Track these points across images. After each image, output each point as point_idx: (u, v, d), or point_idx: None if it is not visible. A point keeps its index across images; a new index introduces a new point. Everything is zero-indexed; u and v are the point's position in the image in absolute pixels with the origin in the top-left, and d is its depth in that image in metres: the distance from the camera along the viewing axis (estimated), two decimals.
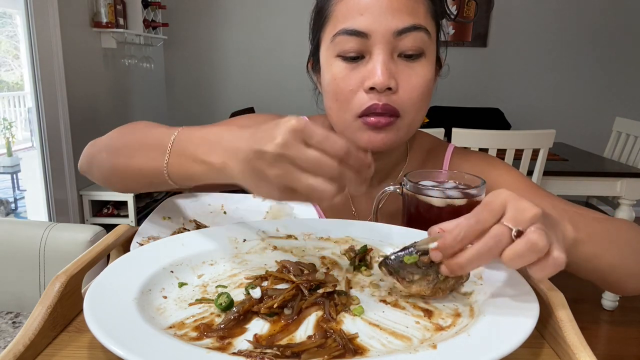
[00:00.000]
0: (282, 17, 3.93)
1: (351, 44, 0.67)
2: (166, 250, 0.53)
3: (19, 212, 4.31)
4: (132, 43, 3.41)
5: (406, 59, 0.68)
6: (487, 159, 0.84)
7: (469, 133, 2.20)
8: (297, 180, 0.44)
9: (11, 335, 1.13)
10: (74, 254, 0.84)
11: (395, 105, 0.68)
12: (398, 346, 0.41)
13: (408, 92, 0.68)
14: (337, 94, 0.70)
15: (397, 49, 0.67)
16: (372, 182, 0.83)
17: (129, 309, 0.41)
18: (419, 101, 0.70)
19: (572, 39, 3.89)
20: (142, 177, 0.63)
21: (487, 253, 0.42)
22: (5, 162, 4.42)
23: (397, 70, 0.68)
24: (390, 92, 0.67)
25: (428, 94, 0.71)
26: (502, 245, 0.42)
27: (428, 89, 0.70)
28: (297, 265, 0.53)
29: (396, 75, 0.68)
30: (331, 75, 0.70)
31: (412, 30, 0.67)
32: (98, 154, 0.71)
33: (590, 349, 0.39)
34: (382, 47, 0.67)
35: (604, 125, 3.60)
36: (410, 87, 0.68)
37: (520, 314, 0.41)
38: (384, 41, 0.66)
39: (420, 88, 0.69)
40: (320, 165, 0.44)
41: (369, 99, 0.68)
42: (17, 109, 6.15)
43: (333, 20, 0.70)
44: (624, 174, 2.37)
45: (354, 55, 0.68)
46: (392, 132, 0.70)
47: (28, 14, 2.51)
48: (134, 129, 0.69)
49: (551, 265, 0.42)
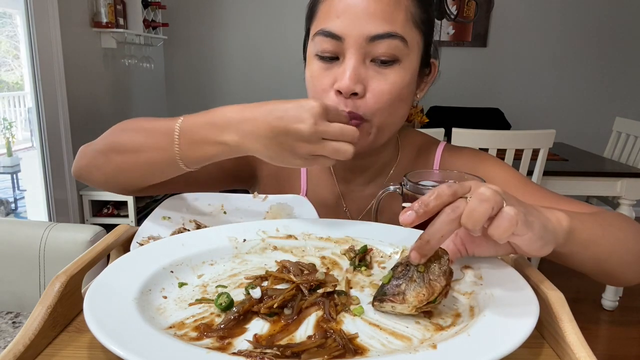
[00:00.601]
0: (282, 17, 3.93)
1: (326, 45, 0.68)
2: (166, 250, 0.53)
3: (19, 212, 4.30)
4: (132, 43, 3.41)
5: (379, 65, 0.68)
6: (477, 154, 0.85)
7: (469, 133, 2.20)
8: (325, 148, 0.57)
9: (11, 335, 1.13)
10: (74, 254, 0.84)
11: (360, 111, 0.68)
12: (398, 346, 0.41)
13: (376, 98, 0.68)
14: (312, 92, 0.72)
15: (370, 54, 0.67)
16: (362, 180, 0.83)
17: (129, 309, 0.41)
18: (387, 107, 0.69)
19: (572, 39, 3.89)
20: (152, 169, 0.67)
21: (446, 222, 0.44)
22: (5, 162, 4.42)
23: (367, 75, 0.68)
24: (357, 97, 0.67)
25: (398, 100, 0.70)
26: (458, 210, 0.44)
27: (398, 95, 0.69)
28: (297, 265, 0.53)
29: (365, 80, 0.68)
30: (309, 72, 0.72)
31: (385, 37, 0.66)
32: (97, 156, 0.71)
33: (590, 349, 0.39)
34: (354, 51, 0.67)
35: (604, 125, 3.60)
36: (379, 93, 0.68)
37: (520, 314, 0.41)
38: (357, 45, 0.66)
39: (389, 94, 0.68)
40: (343, 133, 0.58)
41: (337, 101, 0.68)
42: (17, 109, 6.15)
43: (317, 18, 0.71)
44: (624, 174, 2.37)
45: (330, 56, 0.69)
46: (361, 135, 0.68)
47: (28, 14, 2.51)
48: (130, 127, 0.70)
49: (504, 220, 0.43)
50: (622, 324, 2.52)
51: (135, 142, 0.67)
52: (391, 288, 0.45)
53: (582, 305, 2.61)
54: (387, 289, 0.46)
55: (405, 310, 0.44)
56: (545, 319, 0.44)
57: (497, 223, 0.43)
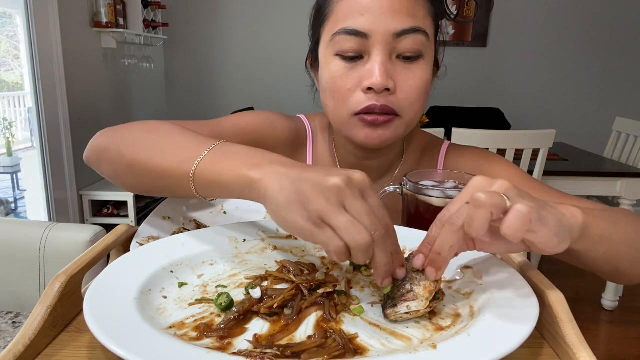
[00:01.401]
0: (282, 17, 3.93)
1: (350, 44, 0.68)
2: (166, 250, 0.53)
3: (19, 212, 4.30)
4: (132, 43, 3.41)
5: (404, 61, 0.69)
6: (482, 153, 0.84)
7: (469, 133, 2.20)
8: (337, 216, 0.42)
9: (11, 335, 1.13)
10: (74, 254, 0.84)
11: (393, 106, 0.69)
12: (398, 346, 0.41)
13: (406, 93, 0.69)
14: (335, 92, 0.71)
15: (396, 50, 0.68)
16: None
17: (129, 309, 0.41)
18: (417, 102, 0.70)
19: (572, 38, 3.88)
20: (163, 177, 0.58)
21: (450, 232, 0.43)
22: (5, 162, 4.42)
23: (395, 71, 0.68)
24: (388, 92, 0.68)
25: (426, 95, 0.72)
26: (459, 222, 0.43)
27: (426, 90, 0.71)
28: (297, 265, 0.53)
29: (394, 76, 0.68)
30: (329, 73, 0.71)
31: (411, 32, 0.67)
32: (111, 147, 0.65)
33: (590, 349, 0.39)
34: (381, 48, 0.67)
35: (604, 125, 3.60)
36: (408, 89, 0.69)
37: (520, 314, 0.41)
38: (383, 42, 0.67)
39: (418, 89, 0.70)
40: (367, 217, 0.43)
41: (367, 99, 0.68)
42: (17, 109, 6.15)
43: (333, 18, 0.70)
44: (624, 174, 2.37)
45: (353, 55, 0.68)
46: (390, 129, 0.71)
47: (28, 14, 2.51)
48: (156, 128, 0.64)
49: (516, 218, 0.40)
50: (622, 324, 2.52)
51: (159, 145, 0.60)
52: (398, 291, 0.45)
53: (582, 305, 2.61)
54: (394, 294, 0.46)
55: (420, 305, 0.43)
56: (545, 319, 0.44)
57: (509, 222, 0.40)
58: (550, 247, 0.44)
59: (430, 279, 0.45)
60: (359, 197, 0.43)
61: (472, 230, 0.41)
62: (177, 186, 0.57)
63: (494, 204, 0.40)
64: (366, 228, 0.42)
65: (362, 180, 0.44)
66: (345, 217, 0.42)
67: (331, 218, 0.42)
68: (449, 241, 0.43)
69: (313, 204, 0.43)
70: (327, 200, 0.42)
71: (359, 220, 0.42)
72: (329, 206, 0.42)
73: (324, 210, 0.42)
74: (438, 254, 0.44)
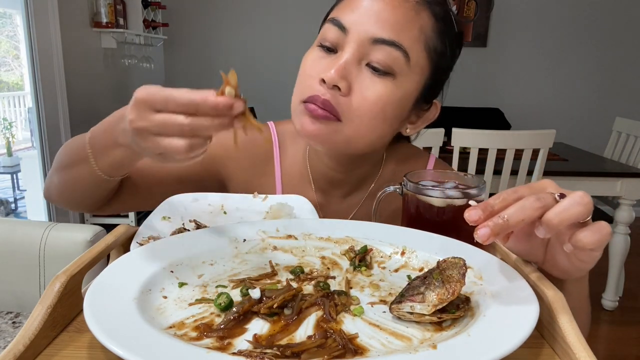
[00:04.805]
0: (282, 17, 3.93)
1: (331, 35, 0.67)
2: (166, 250, 0.53)
3: (19, 212, 4.31)
4: (132, 43, 3.41)
5: (372, 71, 0.66)
6: None
7: (469, 133, 2.20)
8: (155, 145, 0.48)
9: (11, 335, 1.13)
10: (74, 254, 0.84)
11: (337, 107, 0.65)
12: (398, 346, 0.41)
13: (357, 103, 0.65)
14: (300, 77, 0.70)
15: (368, 57, 0.65)
16: (340, 193, 0.82)
17: (129, 309, 0.41)
18: (366, 117, 0.66)
19: (572, 38, 3.89)
20: (84, 183, 0.68)
21: (530, 207, 0.42)
22: (5, 162, 4.43)
23: (357, 76, 0.66)
24: (339, 93, 0.65)
25: (381, 116, 0.67)
26: (544, 201, 0.42)
27: (382, 110, 0.66)
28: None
29: (353, 80, 0.65)
30: (304, 59, 0.70)
31: (388, 44, 0.65)
32: (51, 177, 0.75)
33: (590, 349, 0.39)
34: (353, 47, 0.65)
35: (604, 125, 3.60)
36: (361, 99, 0.65)
37: (520, 314, 0.41)
38: (358, 42, 0.65)
39: (371, 105, 0.66)
40: (165, 126, 0.46)
41: (316, 89, 0.66)
42: (17, 109, 6.15)
43: (335, 9, 0.70)
44: (624, 174, 2.37)
45: (330, 47, 0.68)
46: (328, 130, 0.67)
47: (28, 14, 2.51)
48: (67, 144, 0.74)
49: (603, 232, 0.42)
50: (622, 324, 2.52)
51: (67, 160, 0.71)
52: (410, 291, 0.45)
53: None
54: (406, 291, 0.45)
55: (425, 310, 0.43)
56: (545, 319, 0.44)
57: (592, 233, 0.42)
58: (581, 269, 0.47)
59: (479, 239, 0.43)
60: (150, 116, 0.47)
61: (557, 219, 0.42)
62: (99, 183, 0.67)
63: (589, 210, 0.42)
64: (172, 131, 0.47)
65: (140, 98, 0.48)
66: (157, 141, 0.48)
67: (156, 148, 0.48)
68: (524, 214, 0.42)
69: (143, 149, 0.50)
70: (142, 139, 0.49)
71: (165, 131, 0.47)
72: (147, 143, 0.49)
73: (150, 148, 0.49)
74: (505, 220, 0.42)
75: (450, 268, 0.46)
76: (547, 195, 0.43)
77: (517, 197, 0.44)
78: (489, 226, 0.42)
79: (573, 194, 0.43)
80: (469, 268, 0.51)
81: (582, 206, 0.42)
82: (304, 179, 0.82)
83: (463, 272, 0.45)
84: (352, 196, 0.82)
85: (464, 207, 0.61)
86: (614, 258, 2.52)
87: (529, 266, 0.51)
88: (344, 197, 0.82)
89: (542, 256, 0.50)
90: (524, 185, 0.46)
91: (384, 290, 0.51)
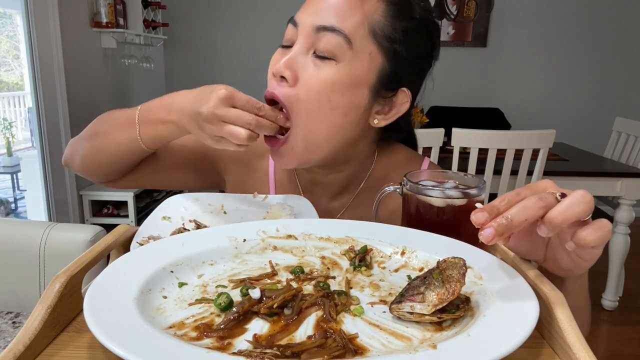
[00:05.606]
0: (282, 17, 3.92)
1: (289, 33, 0.71)
2: (166, 250, 0.53)
3: (19, 212, 4.31)
4: (132, 43, 3.41)
5: (316, 58, 0.67)
6: None
7: (469, 133, 2.20)
8: (222, 130, 0.63)
9: (11, 335, 1.13)
10: (74, 254, 0.84)
11: (285, 99, 0.67)
12: (398, 346, 0.41)
13: (304, 90, 0.67)
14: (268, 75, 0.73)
15: (314, 45, 0.68)
16: (327, 194, 0.82)
17: (129, 309, 0.41)
18: (313, 105, 0.67)
19: (572, 38, 3.89)
20: (118, 149, 0.76)
21: (532, 206, 0.43)
22: (5, 162, 4.43)
23: (304, 65, 0.67)
24: (286, 83, 0.67)
25: (326, 102, 0.67)
26: (546, 201, 0.43)
27: (327, 96, 0.67)
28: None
29: (299, 69, 0.67)
30: None
31: (329, 30, 0.66)
32: (77, 143, 0.82)
33: (590, 349, 0.39)
34: (302, 39, 0.68)
35: (604, 125, 3.60)
36: (307, 86, 0.67)
37: (520, 314, 0.41)
38: (305, 34, 0.68)
39: (316, 91, 0.66)
40: (240, 118, 0.63)
41: (270, 85, 0.70)
42: (17, 109, 6.16)
43: None
44: (624, 174, 2.37)
45: (289, 44, 0.71)
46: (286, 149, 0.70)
47: (28, 14, 2.51)
48: (104, 117, 0.81)
49: (604, 230, 0.43)
50: (622, 324, 2.52)
51: (105, 127, 0.78)
52: (410, 291, 0.45)
53: None
54: (407, 291, 0.45)
55: (425, 310, 0.43)
56: (545, 319, 0.44)
57: (594, 230, 0.43)
58: (581, 268, 0.48)
59: (484, 240, 0.43)
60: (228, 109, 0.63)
61: (560, 218, 0.42)
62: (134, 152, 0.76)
63: (591, 209, 0.43)
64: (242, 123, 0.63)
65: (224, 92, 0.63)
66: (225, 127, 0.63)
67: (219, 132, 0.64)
68: (526, 214, 0.43)
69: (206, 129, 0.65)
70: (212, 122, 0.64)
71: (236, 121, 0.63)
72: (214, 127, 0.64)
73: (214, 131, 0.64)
74: (509, 220, 0.42)
75: (450, 268, 0.46)
76: (548, 195, 0.44)
77: (521, 199, 0.44)
78: (493, 227, 0.42)
79: (574, 192, 0.43)
80: (469, 268, 0.51)
81: (583, 204, 0.42)
82: (291, 179, 0.85)
83: (463, 272, 0.45)
84: (341, 196, 0.83)
85: (464, 207, 0.61)
86: (614, 258, 2.52)
87: (529, 266, 0.51)
88: (331, 199, 0.83)
89: (543, 255, 0.50)
90: (524, 187, 0.46)
91: (384, 290, 0.51)
